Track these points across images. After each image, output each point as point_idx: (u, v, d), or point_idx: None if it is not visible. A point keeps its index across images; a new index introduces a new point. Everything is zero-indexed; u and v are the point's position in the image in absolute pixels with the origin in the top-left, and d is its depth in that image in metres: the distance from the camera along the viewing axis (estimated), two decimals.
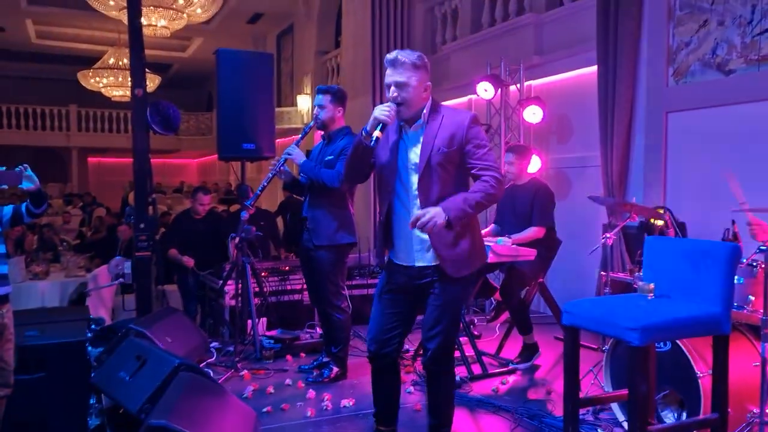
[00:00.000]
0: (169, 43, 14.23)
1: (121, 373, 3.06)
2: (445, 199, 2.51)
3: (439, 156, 2.52)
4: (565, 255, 4.61)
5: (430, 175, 2.53)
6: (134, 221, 4.49)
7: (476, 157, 2.54)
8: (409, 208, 2.57)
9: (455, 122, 2.56)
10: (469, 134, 2.55)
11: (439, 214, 2.41)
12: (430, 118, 2.57)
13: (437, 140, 2.52)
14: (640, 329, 2.05)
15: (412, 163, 2.56)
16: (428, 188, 2.53)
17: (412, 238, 2.59)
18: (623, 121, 5.09)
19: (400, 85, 2.52)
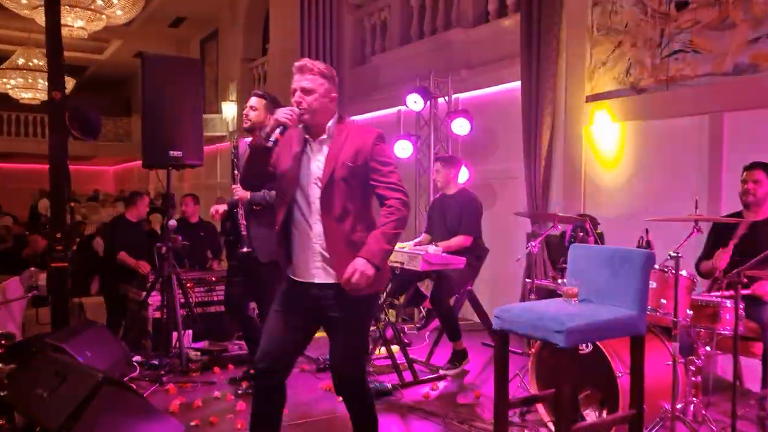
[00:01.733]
0: (85, 45, 13.61)
1: (38, 390, 2.89)
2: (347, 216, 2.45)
3: (344, 170, 2.45)
4: (490, 263, 4.76)
5: (333, 190, 2.45)
6: (50, 230, 4.27)
7: (381, 174, 2.48)
8: (310, 222, 2.48)
9: (361, 138, 2.49)
10: (375, 151, 2.49)
11: (365, 266, 2.34)
12: (336, 132, 2.50)
13: (342, 154, 2.46)
14: (565, 332, 2.15)
15: (315, 176, 2.48)
16: (331, 202, 2.45)
17: (313, 254, 2.49)
18: (545, 134, 5.33)
19: (306, 90, 2.45)
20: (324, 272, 2.48)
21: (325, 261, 2.47)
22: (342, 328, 2.50)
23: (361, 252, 2.38)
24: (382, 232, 2.43)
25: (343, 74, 8.37)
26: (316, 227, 2.46)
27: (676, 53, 4.45)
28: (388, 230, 2.43)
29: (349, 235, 2.45)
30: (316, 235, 2.47)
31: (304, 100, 2.45)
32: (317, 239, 2.47)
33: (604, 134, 5.01)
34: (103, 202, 16.44)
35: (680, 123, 4.44)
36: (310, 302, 2.52)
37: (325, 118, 2.50)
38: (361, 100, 8.08)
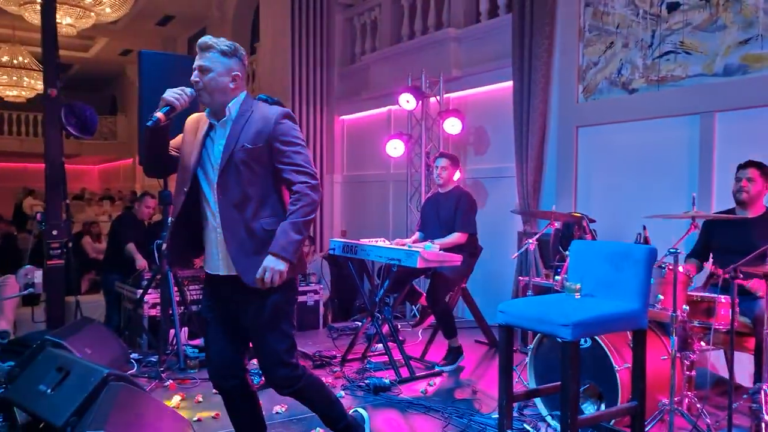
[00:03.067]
0: (70, 43, 13.44)
1: (41, 386, 2.89)
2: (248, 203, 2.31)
3: (243, 153, 2.29)
4: (481, 261, 4.81)
5: (231, 174, 2.29)
6: (46, 228, 4.25)
7: (284, 156, 2.32)
8: (213, 211, 2.35)
9: (263, 117, 2.34)
10: (278, 130, 2.32)
11: (275, 263, 2.22)
12: (240, 113, 2.35)
13: (242, 136, 2.30)
14: (571, 325, 2.20)
15: (216, 160, 2.33)
16: (228, 188, 2.30)
17: (216, 244, 2.36)
18: (537, 134, 5.40)
19: (202, 69, 2.32)
20: (226, 264, 2.36)
21: (225, 251, 2.33)
22: (252, 325, 2.37)
23: (271, 247, 2.25)
24: (291, 222, 2.27)
25: (333, 74, 8.42)
26: (218, 216, 2.33)
27: (667, 54, 4.53)
28: (296, 219, 2.27)
29: (249, 222, 2.30)
30: (218, 224, 2.34)
31: (200, 79, 2.32)
32: (219, 228, 2.34)
33: (595, 134, 5.10)
34: (89, 200, 16.26)
35: (671, 123, 4.53)
36: (221, 295, 2.42)
37: (226, 99, 2.35)
38: (351, 99, 8.11)
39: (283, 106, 3.80)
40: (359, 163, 8.17)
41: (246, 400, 2.53)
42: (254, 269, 2.27)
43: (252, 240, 2.30)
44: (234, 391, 2.49)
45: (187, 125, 2.49)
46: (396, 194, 7.31)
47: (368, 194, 7.96)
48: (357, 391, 3.87)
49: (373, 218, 7.75)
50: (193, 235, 2.44)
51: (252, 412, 2.58)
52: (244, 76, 2.42)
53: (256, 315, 2.36)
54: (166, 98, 2.30)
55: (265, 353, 2.41)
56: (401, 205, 6.98)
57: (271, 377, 2.45)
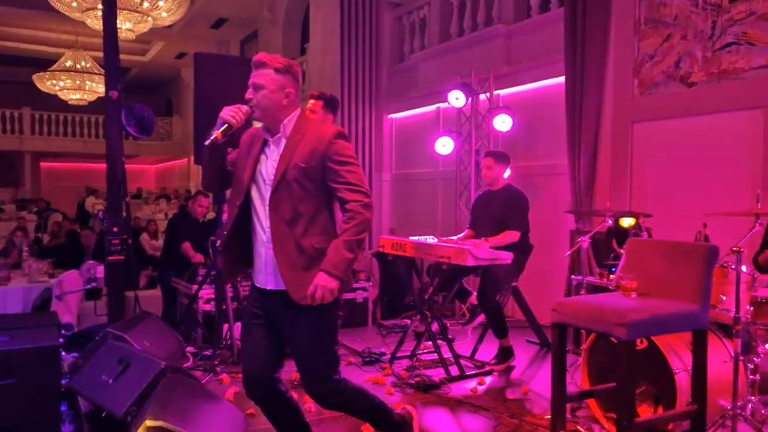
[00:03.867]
0: (129, 47, 13.97)
1: (103, 376, 3.01)
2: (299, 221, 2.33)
3: (296, 171, 2.31)
4: (532, 260, 4.73)
5: (283, 191, 2.32)
6: (107, 225, 4.42)
7: (338, 175, 2.34)
8: (264, 226, 2.37)
9: (317, 136, 2.36)
10: (331, 149, 2.34)
11: (327, 280, 2.24)
12: (294, 130, 2.38)
13: (296, 154, 2.33)
14: (627, 324, 2.14)
15: (270, 177, 2.36)
16: (280, 205, 2.33)
17: (266, 259, 2.38)
18: (590, 130, 5.28)
19: (255, 86, 2.34)
20: (275, 279, 2.37)
21: (275, 266, 2.34)
22: (294, 338, 2.40)
23: (323, 264, 2.27)
24: (343, 240, 2.29)
25: (382, 73, 8.45)
26: (268, 231, 2.36)
27: (729, 45, 4.36)
28: (348, 237, 2.29)
29: (299, 239, 2.32)
30: (268, 239, 2.36)
31: (253, 96, 2.34)
32: (269, 243, 2.35)
33: (652, 129, 4.95)
34: (146, 199, 16.84)
35: (733, 117, 4.36)
36: (267, 308, 2.43)
37: (280, 116, 2.37)
38: (399, 98, 8.12)
39: (337, 101, 3.81)
40: (408, 161, 8.17)
41: (282, 407, 2.53)
42: (303, 286, 2.29)
43: (302, 257, 2.33)
44: (268, 400, 2.50)
45: (243, 140, 2.52)
46: (445, 192, 7.28)
47: (417, 192, 7.95)
48: (406, 388, 3.87)
49: (421, 216, 7.74)
50: (246, 248, 2.48)
51: (291, 417, 2.57)
52: (299, 94, 2.46)
53: (301, 331, 2.38)
54: (223, 116, 2.32)
55: (308, 369, 2.43)
56: (450, 202, 6.94)
57: (313, 392, 2.47)
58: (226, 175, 2.50)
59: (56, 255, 7.38)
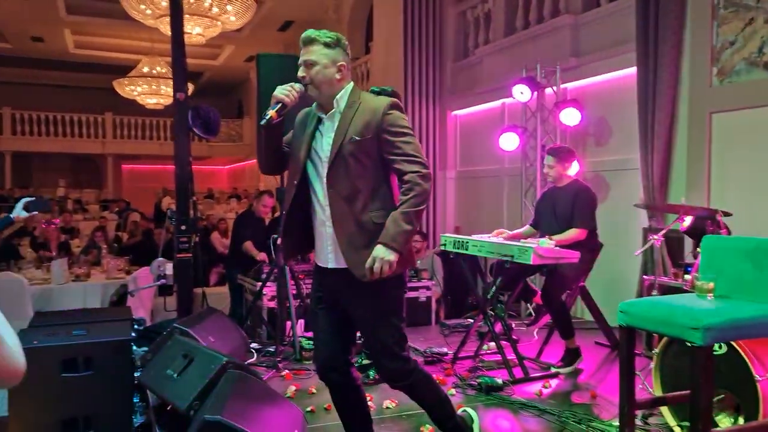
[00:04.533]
0: (201, 51, 14.45)
1: (169, 371, 3.09)
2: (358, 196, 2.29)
3: (351, 145, 2.28)
4: (603, 259, 4.54)
5: (340, 167, 2.29)
6: (175, 223, 4.56)
7: (393, 146, 2.30)
8: (322, 204, 2.36)
9: (371, 109, 2.32)
10: (386, 121, 2.30)
11: (385, 252, 2.20)
12: (347, 105, 2.35)
13: (351, 128, 2.30)
14: (702, 329, 1.99)
15: (326, 154, 2.34)
16: (338, 181, 2.29)
17: (326, 237, 2.37)
18: (664, 122, 5.01)
19: (308, 63, 2.31)
20: (336, 257, 2.36)
21: (336, 244, 2.33)
22: (360, 317, 2.38)
23: (381, 237, 2.23)
24: (401, 212, 2.25)
25: (446, 69, 8.35)
26: (327, 209, 2.34)
27: None
28: (407, 209, 2.24)
29: (358, 215, 2.29)
30: (327, 217, 2.34)
31: (307, 74, 2.31)
32: (329, 221, 2.34)
33: (732, 120, 4.64)
34: (218, 199, 17.38)
35: None
36: (331, 289, 2.42)
37: (334, 91, 2.35)
38: (463, 94, 8.00)
39: (397, 95, 3.79)
40: (472, 159, 8.04)
41: (351, 393, 2.54)
42: (364, 263, 2.26)
43: (362, 233, 2.30)
44: (339, 384, 2.51)
45: (297, 120, 2.53)
46: (510, 189, 7.12)
47: (482, 190, 7.81)
48: (468, 389, 3.79)
49: (486, 214, 7.60)
50: (306, 228, 2.47)
51: (357, 405, 2.59)
52: (350, 67, 2.42)
53: (367, 308, 2.36)
54: (277, 95, 2.31)
55: (377, 346, 2.41)
56: (515, 200, 6.78)
57: (383, 370, 2.46)
58: (283, 156, 2.49)
59: (133, 253, 7.72)
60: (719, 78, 4.70)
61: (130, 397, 3.53)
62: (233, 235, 6.04)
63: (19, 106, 16.88)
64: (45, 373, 3.38)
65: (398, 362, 2.41)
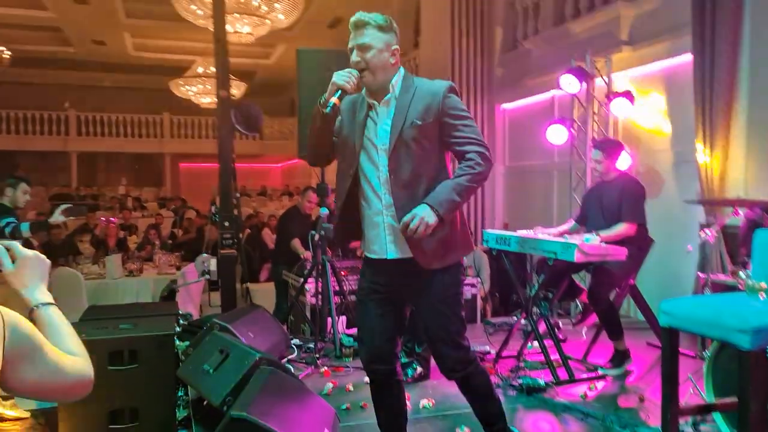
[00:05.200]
0: (253, 51, 14.71)
1: (206, 366, 3.13)
2: (420, 181, 2.24)
3: (412, 130, 2.22)
4: (658, 256, 4.34)
5: (401, 153, 2.23)
6: (219, 220, 4.62)
7: (456, 129, 2.26)
8: (379, 193, 2.29)
9: (430, 92, 2.26)
10: (447, 104, 2.25)
11: (428, 214, 2.13)
12: (403, 89, 2.28)
13: (410, 113, 2.23)
14: (751, 331, 1.85)
15: (382, 141, 2.27)
16: (399, 168, 2.23)
17: (384, 227, 2.30)
18: (723, 110, 4.73)
19: (362, 47, 2.22)
20: (396, 247, 2.30)
21: (396, 234, 2.26)
22: (425, 304, 2.34)
23: (428, 198, 2.18)
24: (455, 182, 2.20)
25: (494, 61, 8.18)
26: (385, 198, 2.27)
27: None
28: (462, 181, 2.20)
29: (420, 202, 2.20)
30: (386, 206, 2.28)
31: (362, 58, 2.23)
32: (387, 211, 2.28)
33: None
34: (270, 196, 17.68)
35: None
36: (387, 280, 2.36)
37: (388, 76, 2.27)
38: (512, 87, 7.81)
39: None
40: (522, 153, 7.85)
41: (394, 386, 2.52)
42: (428, 251, 2.24)
43: None
44: (384, 376, 2.47)
45: (343, 109, 2.43)
46: (560, 184, 6.91)
47: (531, 185, 7.62)
48: (509, 390, 3.68)
49: (536, 210, 7.41)
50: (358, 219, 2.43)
51: (398, 399, 2.56)
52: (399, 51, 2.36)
53: (432, 296, 2.33)
54: (337, 82, 2.23)
55: (440, 335, 2.37)
56: (565, 195, 6.57)
57: (444, 359, 2.40)
58: (333, 146, 2.43)
59: (185, 249, 7.92)
60: None
61: (174, 390, 3.59)
62: (278, 232, 6.10)
63: (83, 108, 17.63)
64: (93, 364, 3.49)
65: (461, 351, 2.38)
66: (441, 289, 2.33)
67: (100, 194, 17.21)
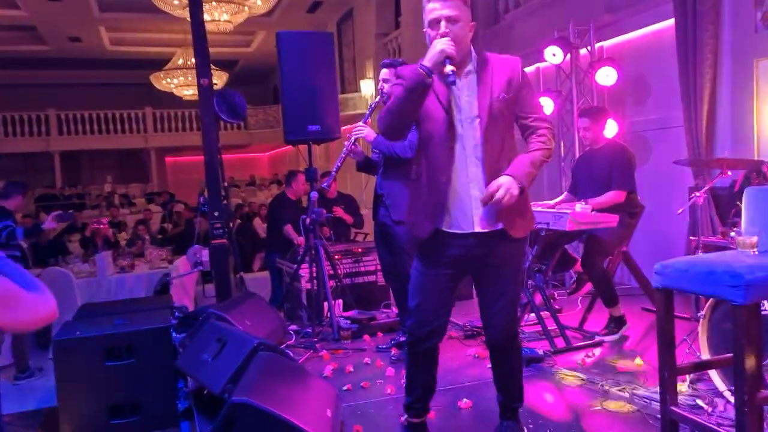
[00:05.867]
0: (233, 39, 14.55)
1: (204, 355, 3.12)
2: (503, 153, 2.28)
3: (501, 103, 2.24)
4: (649, 222, 4.36)
5: (491, 126, 2.24)
6: (208, 210, 4.59)
7: (531, 104, 2.33)
8: (466, 166, 2.27)
9: (508, 66, 2.29)
10: (524, 79, 2.31)
11: (513, 185, 2.15)
12: (479, 63, 2.28)
13: (495, 86, 2.24)
14: (744, 285, 1.86)
15: (470, 114, 2.26)
16: (490, 140, 2.24)
17: (471, 201, 2.28)
18: (707, 73, 4.73)
19: (451, 19, 2.18)
20: (484, 219, 2.29)
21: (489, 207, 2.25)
22: (502, 274, 2.38)
23: (511, 170, 2.21)
24: (534, 155, 2.29)
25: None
26: (471, 170, 2.27)
27: None
28: (538, 156, 2.28)
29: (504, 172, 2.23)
30: (472, 178, 2.27)
31: (450, 30, 2.18)
32: (475, 183, 2.27)
33: None
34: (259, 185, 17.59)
35: None
36: (469, 254, 2.35)
37: (465, 50, 2.27)
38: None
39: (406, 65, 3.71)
40: None
41: (434, 361, 2.55)
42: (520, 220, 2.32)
43: None
44: (432, 348, 2.49)
45: None
46: None
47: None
48: None
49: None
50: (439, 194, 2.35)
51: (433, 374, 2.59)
52: None
53: (510, 267, 2.39)
54: (446, 50, 2.14)
55: (505, 306, 2.42)
56: (554, 165, 6.57)
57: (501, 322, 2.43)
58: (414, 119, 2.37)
59: (176, 242, 7.87)
60: (764, 23, 4.40)
61: (173, 382, 3.59)
62: (269, 220, 6.07)
63: (64, 107, 17.40)
64: (89, 362, 3.47)
65: (516, 316, 2.51)
66: (519, 258, 2.43)
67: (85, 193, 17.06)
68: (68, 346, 3.47)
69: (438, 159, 2.31)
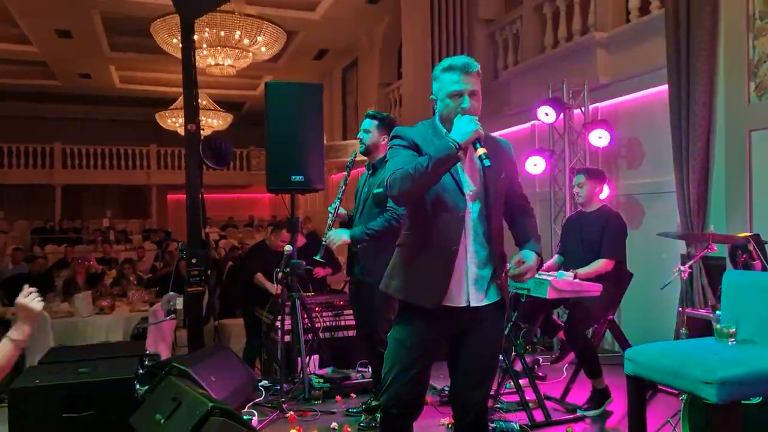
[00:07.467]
0: (240, 82, 14.73)
1: (157, 415, 2.95)
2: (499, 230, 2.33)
3: (502, 182, 2.32)
4: (640, 290, 4.21)
5: (492, 203, 2.27)
6: (186, 256, 4.47)
7: (518, 184, 2.44)
8: (467, 239, 2.26)
9: (504, 145, 2.42)
10: (514, 159, 2.44)
11: (536, 263, 2.26)
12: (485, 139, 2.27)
13: (499, 164, 2.28)
14: (717, 383, 1.72)
15: (471, 189, 2.27)
16: (492, 216, 2.27)
17: (467, 275, 2.24)
18: (700, 141, 4.66)
19: (473, 94, 2.23)
20: (482, 292, 2.28)
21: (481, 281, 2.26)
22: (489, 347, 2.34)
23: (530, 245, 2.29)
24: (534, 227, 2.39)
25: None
26: (472, 245, 2.25)
27: None
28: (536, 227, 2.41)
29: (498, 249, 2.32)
30: (471, 253, 2.25)
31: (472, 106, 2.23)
32: (472, 259, 2.25)
33: None
34: (257, 227, 17.51)
35: None
36: (455, 328, 2.29)
37: None
38: (493, 117, 7.75)
39: (394, 121, 3.71)
40: None
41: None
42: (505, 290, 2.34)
43: (501, 266, 2.33)
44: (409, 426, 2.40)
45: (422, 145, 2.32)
46: (541, 214, 6.78)
47: None
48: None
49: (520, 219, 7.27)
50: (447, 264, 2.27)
51: None
52: None
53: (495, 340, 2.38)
54: (479, 131, 2.15)
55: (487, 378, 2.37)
56: (545, 225, 6.46)
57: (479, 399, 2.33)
58: None
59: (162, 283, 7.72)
60: (757, 93, 4.36)
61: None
62: (244, 269, 5.89)
63: (70, 141, 17.53)
64: (47, 412, 3.32)
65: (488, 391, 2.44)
66: (500, 333, 2.44)
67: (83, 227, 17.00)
68: (25, 395, 3.32)
69: (450, 228, 2.25)
